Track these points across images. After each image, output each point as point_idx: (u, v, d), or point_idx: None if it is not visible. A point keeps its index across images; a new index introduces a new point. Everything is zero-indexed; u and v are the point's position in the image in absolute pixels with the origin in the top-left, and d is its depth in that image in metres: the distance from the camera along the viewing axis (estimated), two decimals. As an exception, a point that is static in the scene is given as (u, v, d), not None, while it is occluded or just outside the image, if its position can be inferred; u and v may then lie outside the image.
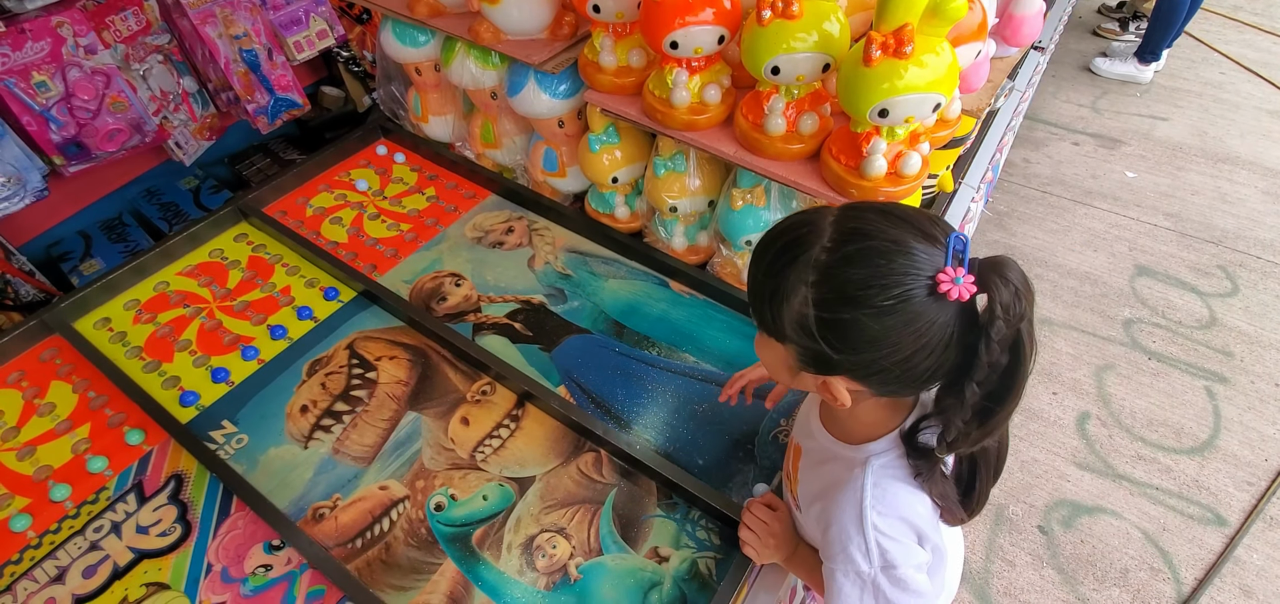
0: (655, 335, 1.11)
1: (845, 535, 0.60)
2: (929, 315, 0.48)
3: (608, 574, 0.83)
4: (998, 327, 0.47)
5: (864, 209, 0.52)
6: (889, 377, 0.52)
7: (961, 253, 0.48)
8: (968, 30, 0.95)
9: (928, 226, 0.50)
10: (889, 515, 0.59)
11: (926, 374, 0.51)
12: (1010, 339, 0.48)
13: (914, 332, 0.48)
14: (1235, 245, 2.19)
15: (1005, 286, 0.47)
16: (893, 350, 0.49)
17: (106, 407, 1.00)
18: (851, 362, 0.52)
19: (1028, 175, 2.50)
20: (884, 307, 0.48)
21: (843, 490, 0.61)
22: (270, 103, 1.49)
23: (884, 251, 0.49)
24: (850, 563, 0.60)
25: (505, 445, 0.96)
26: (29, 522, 0.87)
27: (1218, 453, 1.65)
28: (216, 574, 0.83)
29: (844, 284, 0.50)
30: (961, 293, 0.47)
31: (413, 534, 0.87)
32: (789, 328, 0.53)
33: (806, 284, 0.51)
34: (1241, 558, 1.47)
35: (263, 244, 1.27)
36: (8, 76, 1.15)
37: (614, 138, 1.15)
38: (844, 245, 0.50)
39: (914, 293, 0.48)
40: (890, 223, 0.50)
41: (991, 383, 0.49)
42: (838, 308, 0.50)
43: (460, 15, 1.22)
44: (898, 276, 0.48)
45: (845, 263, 0.50)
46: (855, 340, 0.50)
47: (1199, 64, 3.07)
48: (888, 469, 0.59)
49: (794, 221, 0.54)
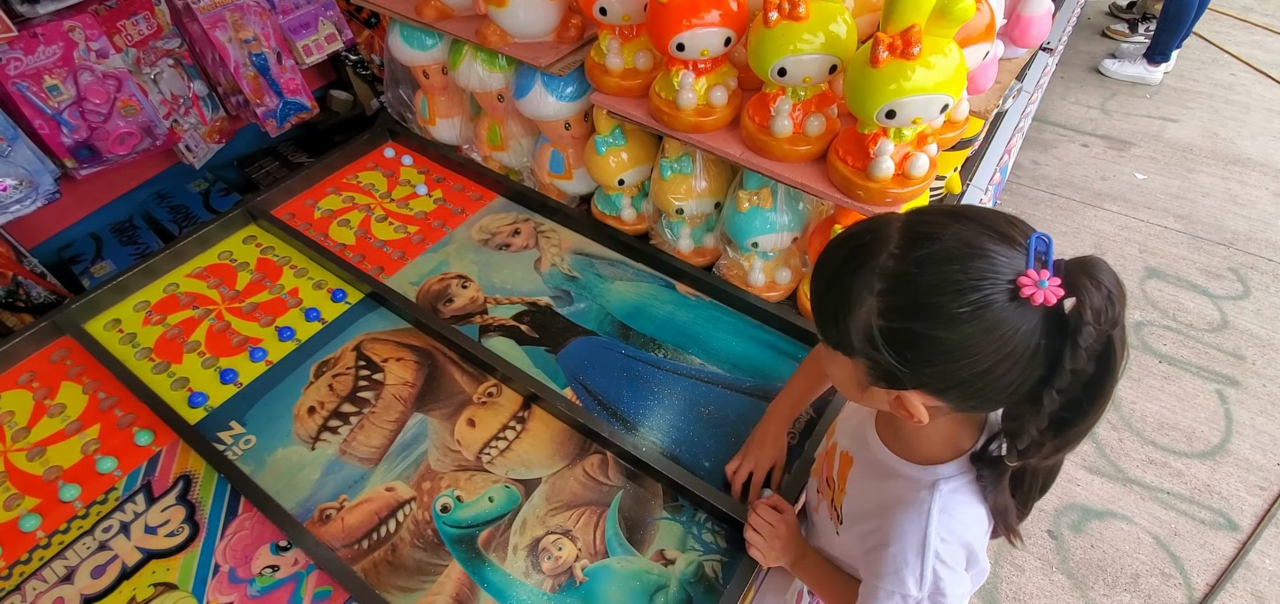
0: (661, 337, 1.11)
1: (902, 559, 0.57)
2: (1011, 323, 0.44)
3: (613, 577, 0.83)
4: (1087, 333, 0.43)
5: (932, 212, 0.49)
6: (969, 390, 0.48)
7: (1044, 254, 0.44)
8: (975, 31, 0.95)
9: (1005, 227, 0.46)
10: (952, 543, 0.56)
11: (1010, 387, 0.47)
12: (1099, 347, 0.44)
13: (994, 341, 0.44)
14: (1246, 247, 2.17)
15: (1097, 289, 0.43)
16: (971, 362, 0.45)
17: (116, 407, 1.01)
18: (926, 375, 0.48)
19: (1036, 177, 2.49)
20: (959, 314, 0.44)
21: (906, 512, 0.58)
22: (279, 106, 1.50)
23: (957, 255, 0.45)
24: (900, 585, 0.58)
25: (511, 447, 0.96)
26: (38, 522, 0.88)
27: (1229, 457, 1.63)
28: (224, 575, 0.83)
29: (914, 291, 0.46)
30: (1047, 297, 0.43)
31: (419, 536, 0.87)
32: (856, 341, 0.50)
33: (873, 293, 0.48)
34: (1253, 563, 1.45)
35: (271, 246, 1.27)
36: (20, 80, 1.16)
37: (620, 140, 1.15)
38: (913, 250, 0.47)
39: (993, 298, 0.44)
40: (962, 224, 0.46)
41: (1073, 392, 0.45)
42: (908, 317, 0.47)
43: (467, 18, 1.23)
44: (974, 281, 0.44)
45: (915, 268, 0.46)
46: (929, 352, 0.47)
47: (1209, 65, 3.05)
48: (956, 494, 0.57)
49: (858, 229, 0.52)
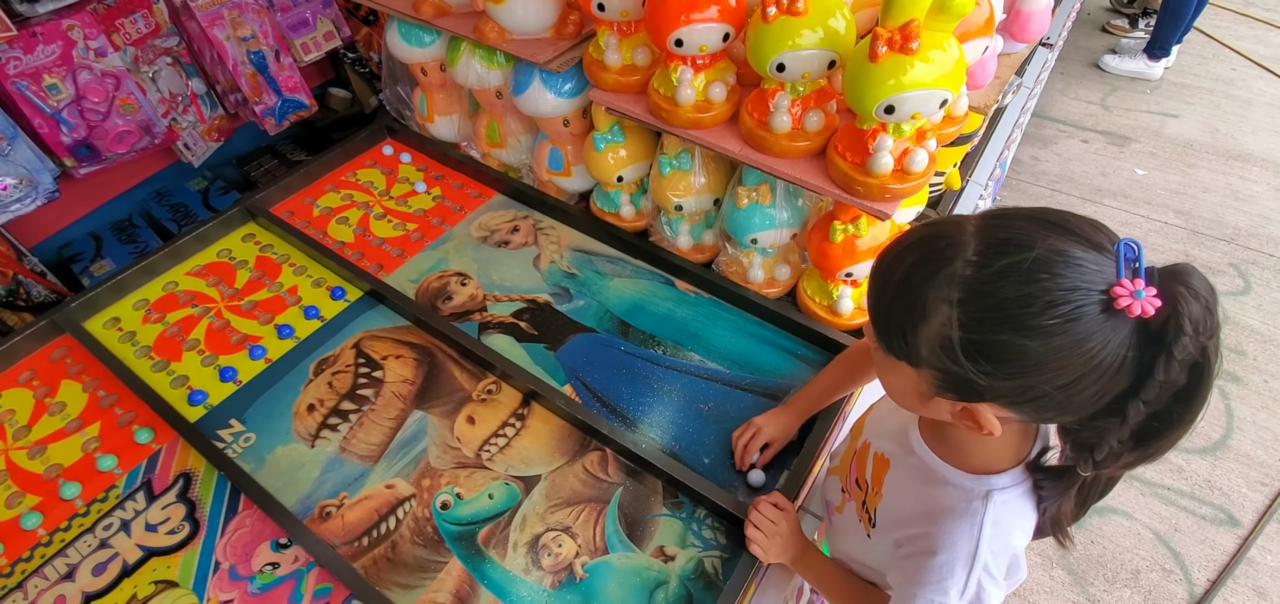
0: (661, 334, 1.10)
1: (948, 569, 0.56)
2: (1101, 335, 0.42)
3: (613, 573, 0.83)
4: (1183, 345, 0.41)
5: (1011, 216, 0.47)
6: (1048, 403, 0.46)
7: (1135, 261, 0.42)
8: (975, 26, 0.94)
9: (1089, 233, 0.44)
10: (1001, 555, 0.55)
11: (1092, 401, 0.45)
12: (1195, 359, 0.42)
13: (1083, 354, 0.42)
14: (1247, 243, 2.17)
15: (1195, 300, 0.41)
16: (1056, 376, 0.43)
17: (116, 406, 1.01)
18: (1005, 388, 0.46)
19: (1036, 173, 2.49)
20: (1048, 326, 0.42)
21: (956, 521, 0.56)
22: (278, 104, 1.50)
23: (1045, 263, 0.43)
24: (942, 595, 0.57)
25: (511, 444, 0.96)
26: (40, 519, 0.88)
27: (1230, 453, 1.63)
28: (224, 572, 0.83)
29: (999, 303, 0.44)
30: (1145, 308, 0.41)
31: (419, 533, 0.87)
32: (927, 351, 0.47)
33: (950, 303, 0.45)
34: (1254, 559, 1.45)
35: (270, 244, 1.27)
36: (19, 79, 1.16)
37: (619, 136, 1.15)
38: (995, 258, 0.44)
39: (1085, 310, 0.42)
40: (1047, 230, 0.44)
41: (1160, 403, 0.44)
42: (991, 330, 0.44)
43: (465, 15, 1.23)
44: (1064, 292, 0.42)
45: (999, 279, 0.44)
46: (1012, 365, 0.44)
47: (1210, 60, 3.04)
48: (1010, 504, 0.55)
49: (927, 233, 0.49)
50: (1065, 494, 0.53)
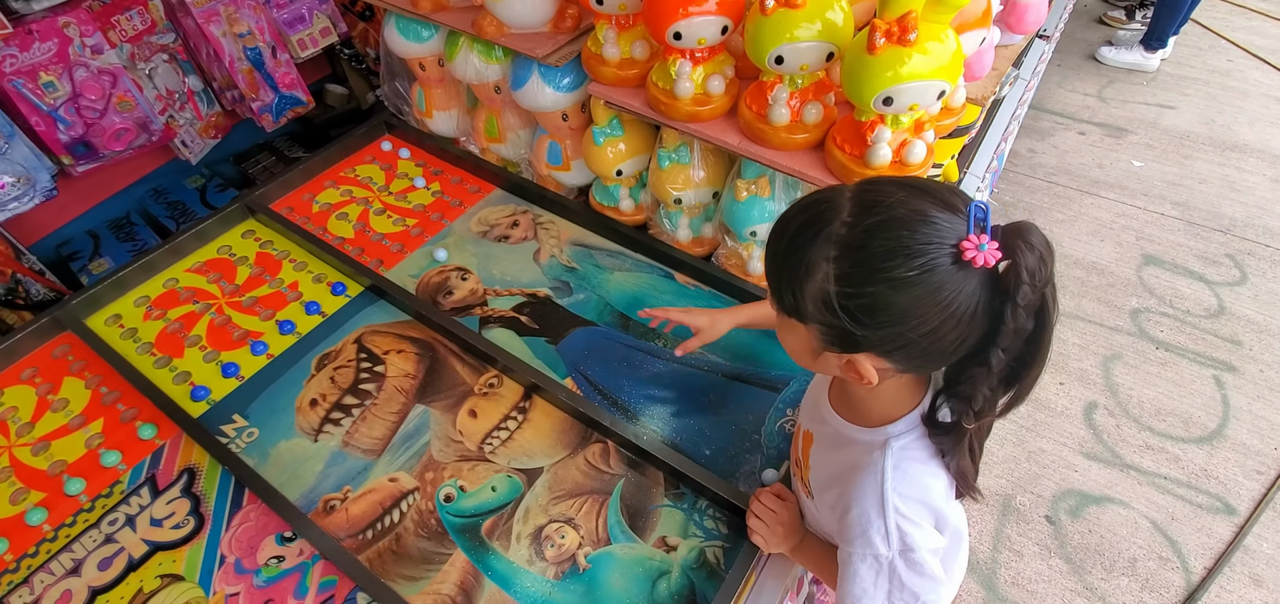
0: (661, 327, 1.11)
1: (865, 519, 0.59)
2: (954, 285, 0.47)
3: (616, 563, 0.84)
4: (1024, 292, 0.46)
5: (882, 182, 0.51)
6: (915, 350, 0.51)
7: (983, 220, 0.47)
8: (972, 17, 0.95)
9: (947, 196, 0.49)
10: (910, 498, 0.58)
11: (954, 346, 0.50)
12: (1036, 304, 0.47)
13: (940, 302, 0.48)
14: (1244, 234, 2.18)
15: (1030, 251, 0.46)
16: (919, 323, 0.48)
17: (119, 402, 1.01)
18: (877, 337, 0.50)
19: (1033, 165, 2.49)
20: (908, 278, 0.47)
21: (862, 474, 0.60)
22: (275, 100, 1.49)
23: (906, 221, 0.48)
24: (869, 546, 0.59)
25: (513, 437, 0.96)
26: (45, 515, 0.88)
27: (1226, 442, 1.64)
28: (230, 565, 0.84)
29: (867, 257, 0.49)
30: (987, 259, 0.46)
31: (423, 525, 0.87)
32: (811, 306, 0.52)
33: (828, 260, 0.50)
34: (1251, 547, 1.46)
35: (270, 240, 1.28)
36: (16, 77, 1.16)
37: (618, 130, 1.15)
38: (864, 218, 0.49)
39: (938, 262, 0.47)
40: (910, 193, 0.49)
41: (1017, 348, 0.49)
42: (861, 282, 0.49)
43: (464, 10, 1.22)
44: (921, 246, 0.47)
45: (867, 235, 0.49)
46: (881, 314, 0.49)
47: (1206, 52, 3.04)
48: (908, 450, 0.59)
49: (811, 199, 0.53)
50: (960, 449, 0.57)
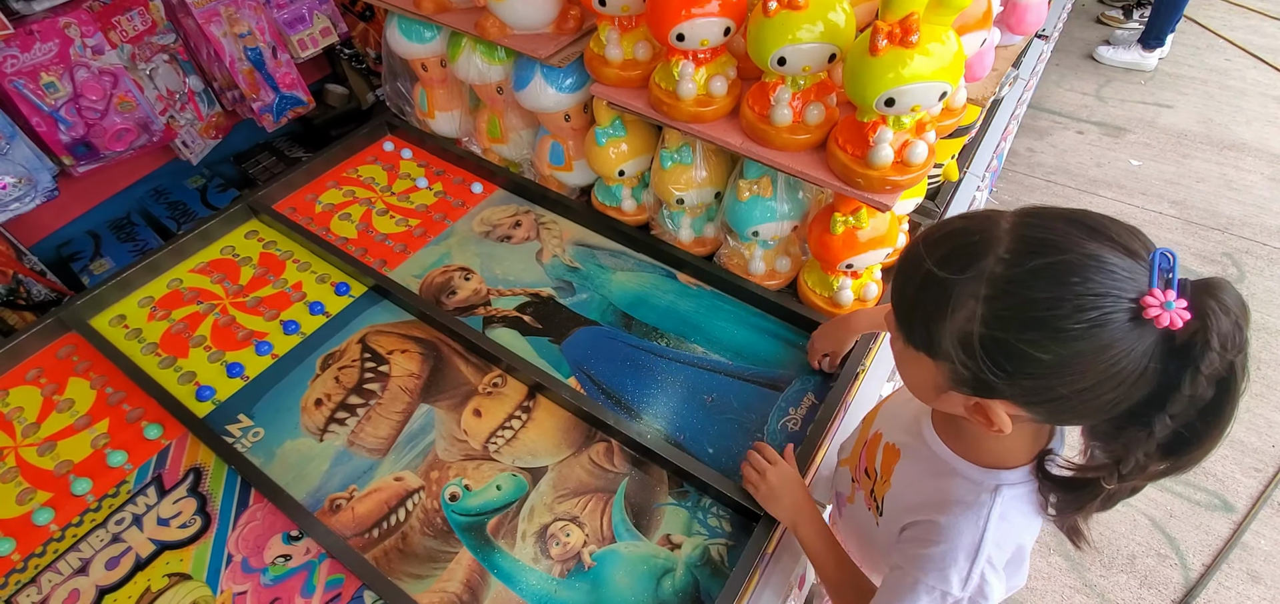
0: (663, 327, 1.12)
1: (951, 558, 0.56)
2: (1126, 343, 0.42)
3: (621, 561, 0.84)
4: (1211, 360, 0.41)
5: (1048, 216, 0.46)
6: (1063, 406, 0.46)
7: (1170, 272, 0.41)
8: (973, 18, 0.95)
9: (1126, 239, 0.43)
10: (1004, 547, 0.55)
11: (1109, 406, 0.45)
12: (1222, 374, 0.42)
13: (1106, 361, 0.42)
14: (1241, 232, 2.19)
15: (1224, 315, 0.41)
16: (1076, 379, 0.43)
17: (124, 402, 1.01)
18: (1020, 388, 0.46)
19: (1032, 165, 2.50)
20: (1074, 331, 0.42)
21: (964, 514, 0.57)
22: (275, 100, 1.49)
23: (1078, 267, 0.42)
24: (943, 581, 0.56)
25: (517, 436, 0.97)
26: (51, 515, 0.89)
27: (1224, 439, 1.66)
28: (237, 564, 0.84)
29: (1027, 303, 0.43)
30: (1173, 320, 0.40)
31: (428, 524, 0.88)
32: (948, 345, 0.47)
33: (977, 299, 0.45)
34: (1249, 544, 1.48)
35: (273, 241, 1.28)
36: (17, 78, 1.16)
37: (620, 131, 1.16)
38: (1027, 258, 0.44)
39: (1113, 317, 0.41)
40: (1083, 233, 0.43)
41: (1187, 418, 0.43)
42: (1016, 329, 0.44)
43: (466, 10, 1.23)
44: (1094, 298, 0.41)
45: (1030, 279, 0.43)
46: (1031, 366, 0.44)
47: (1204, 51, 3.05)
48: (1018, 501, 0.55)
49: (960, 226, 0.48)
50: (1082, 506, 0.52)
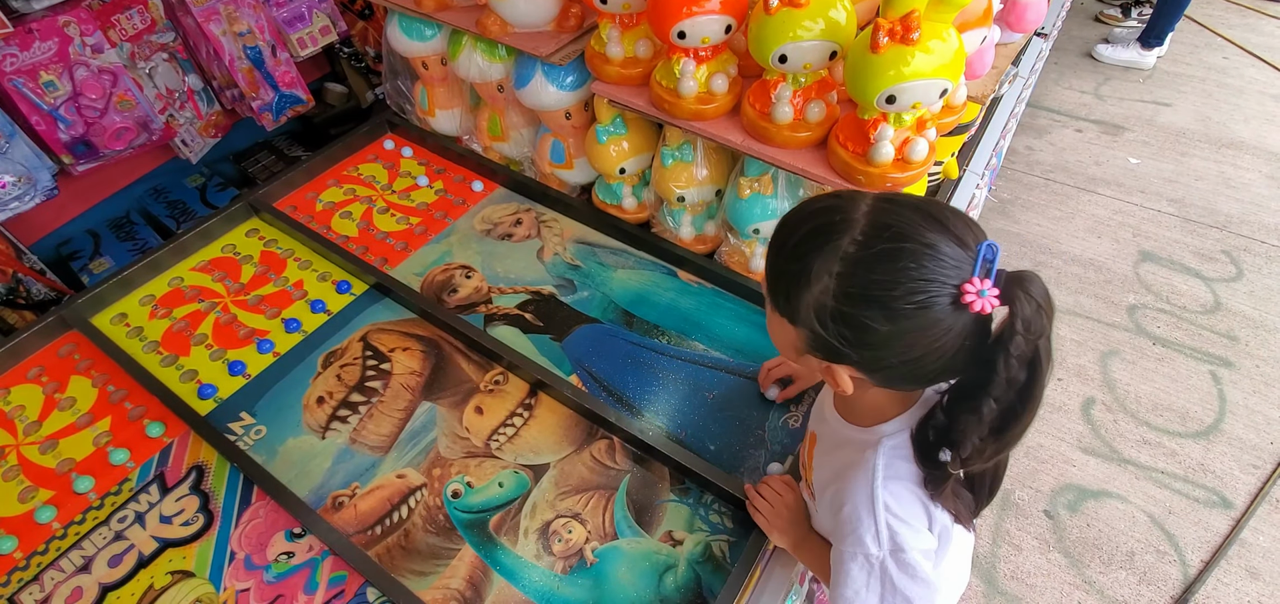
0: (664, 324, 1.12)
1: (856, 517, 0.60)
2: (948, 323, 0.48)
3: (623, 557, 0.85)
4: (1017, 343, 0.46)
5: (899, 204, 0.51)
6: (894, 373, 0.52)
7: (991, 263, 0.47)
8: (973, 16, 0.96)
9: (961, 231, 0.49)
10: (900, 494, 0.58)
11: (932, 375, 0.52)
12: (1029, 356, 0.47)
13: (929, 337, 0.48)
14: (1239, 230, 2.20)
15: (1028, 302, 0.46)
16: (904, 351, 0.49)
17: (126, 400, 1.01)
18: (859, 356, 0.52)
19: (1031, 163, 2.50)
20: (905, 310, 0.48)
21: (856, 472, 0.61)
22: (275, 99, 1.49)
23: (915, 255, 0.47)
24: (860, 546, 0.59)
25: (519, 433, 0.97)
26: (54, 513, 0.89)
27: (1223, 436, 1.66)
28: (240, 561, 0.84)
29: (870, 283, 0.49)
30: (985, 306, 0.47)
31: (431, 521, 0.88)
32: (804, 313, 0.52)
33: (831, 274, 0.50)
34: (1247, 540, 1.48)
35: (274, 239, 1.28)
36: (16, 76, 1.16)
37: (621, 129, 1.16)
38: (876, 241, 0.49)
39: (938, 300, 0.47)
40: (927, 223, 0.48)
41: (1008, 399, 0.49)
42: (858, 304, 0.49)
43: (467, 8, 1.23)
44: (924, 283, 0.47)
45: (874, 260, 0.49)
46: (868, 336, 0.50)
47: (1202, 49, 3.06)
48: (899, 449, 0.59)
49: (825, 205, 0.53)
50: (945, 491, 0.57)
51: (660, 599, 0.81)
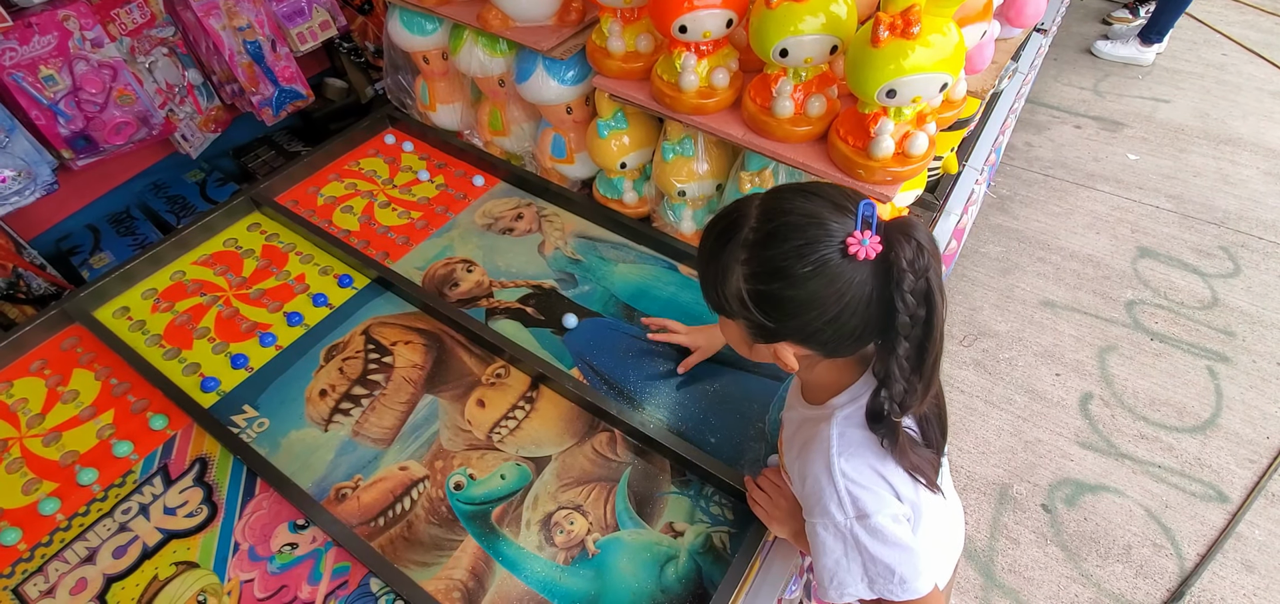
0: (665, 318, 1.12)
1: (819, 488, 0.62)
2: (846, 276, 0.53)
3: (625, 549, 0.85)
4: (908, 280, 0.52)
5: (784, 191, 0.58)
6: (824, 336, 0.57)
7: (869, 217, 0.53)
8: (974, 11, 0.96)
9: (840, 199, 0.56)
10: (856, 461, 0.61)
11: (857, 331, 0.56)
12: (923, 291, 0.53)
13: (835, 292, 0.54)
14: (1237, 226, 2.20)
15: (908, 243, 0.52)
16: (821, 312, 0.54)
17: (129, 393, 1.02)
18: (789, 327, 0.57)
19: (1030, 158, 2.51)
20: (804, 273, 0.53)
21: (816, 446, 0.64)
22: (275, 94, 1.49)
23: (799, 226, 0.54)
24: (827, 516, 0.62)
25: (521, 426, 0.98)
26: (57, 505, 0.89)
27: (1219, 431, 1.67)
28: (244, 552, 0.85)
29: (769, 258, 0.55)
30: (868, 252, 0.52)
31: (434, 512, 0.89)
32: (733, 305, 0.58)
33: (739, 262, 0.57)
34: (1243, 534, 1.49)
35: (276, 233, 1.28)
36: (16, 71, 1.16)
37: (622, 123, 1.16)
38: (766, 224, 0.56)
39: (829, 258, 0.53)
40: (807, 200, 0.56)
41: (916, 335, 0.54)
42: (767, 281, 0.56)
43: (468, 3, 1.23)
44: (811, 246, 0.53)
45: (769, 239, 0.55)
46: (787, 307, 0.55)
47: (1200, 46, 3.06)
48: (852, 418, 0.62)
49: (727, 210, 0.60)
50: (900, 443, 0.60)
51: (661, 590, 0.82)
